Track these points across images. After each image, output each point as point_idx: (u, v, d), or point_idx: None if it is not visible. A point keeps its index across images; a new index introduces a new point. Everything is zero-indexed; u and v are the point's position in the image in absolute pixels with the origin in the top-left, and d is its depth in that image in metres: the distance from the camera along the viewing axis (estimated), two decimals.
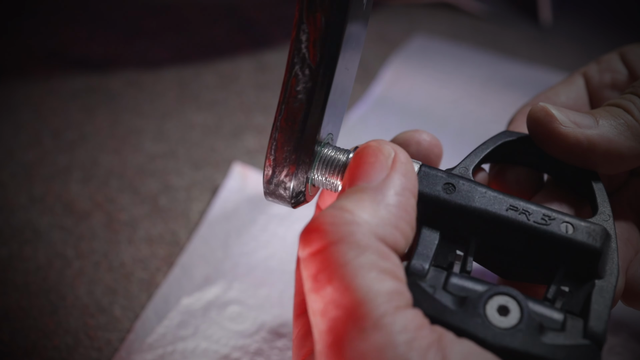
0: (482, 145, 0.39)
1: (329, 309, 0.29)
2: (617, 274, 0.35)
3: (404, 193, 0.32)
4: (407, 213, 0.32)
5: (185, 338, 0.48)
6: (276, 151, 0.35)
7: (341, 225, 0.30)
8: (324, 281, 0.30)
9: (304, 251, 0.31)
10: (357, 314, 0.29)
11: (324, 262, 0.30)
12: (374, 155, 0.33)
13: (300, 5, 0.33)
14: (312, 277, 0.30)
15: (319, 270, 0.30)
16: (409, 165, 0.33)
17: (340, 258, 0.30)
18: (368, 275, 0.29)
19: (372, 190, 0.32)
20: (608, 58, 0.43)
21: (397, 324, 0.29)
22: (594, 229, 0.34)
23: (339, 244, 0.30)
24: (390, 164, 0.33)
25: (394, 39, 0.79)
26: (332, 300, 0.29)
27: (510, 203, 0.35)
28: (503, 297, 0.32)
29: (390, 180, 0.32)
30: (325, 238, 0.30)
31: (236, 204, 0.58)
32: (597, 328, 0.32)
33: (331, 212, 0.31)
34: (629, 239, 0.39)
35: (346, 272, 0.29)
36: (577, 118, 0.37)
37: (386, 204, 0.32)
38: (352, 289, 0.29)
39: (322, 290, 0.30)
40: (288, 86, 0.35)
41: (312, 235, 0.31)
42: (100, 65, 0.73)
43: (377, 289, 0.29)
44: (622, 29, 0.84)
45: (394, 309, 0.29)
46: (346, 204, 0.31)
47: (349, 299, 0.29)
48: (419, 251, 0.34)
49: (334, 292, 0.29)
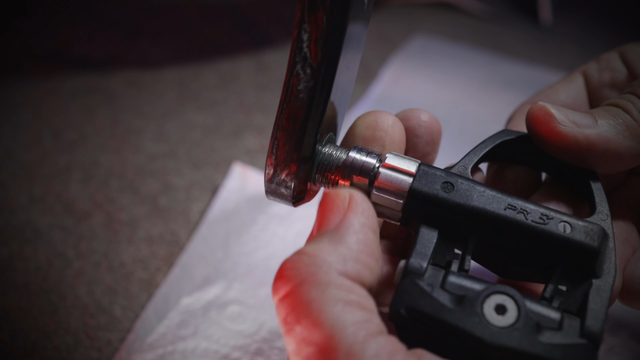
0: (480, 144, 0.39)
1: (301, 348, 0.30)
2: (615, 274, 0.35)
3: (362, 230, 0.33)
4: (367, 247, 0.33)
5: (185, 338, 0.48)
6: (278, 150, 0.35)
7: (301, 268, 0.31)
8: (292, 322, 0.30)
9: (275, 299, 0.32)
10: (328, 348, 0.29)
11: (290, 305, 0.31)
12: (330, 202, 0.34)
13: (302, 5, 0.33)
14: (283, 320, 0.31)
15: (287, 312, 0.31)
16: (366, 204, 0.34)
17: (304, 297, 0.30)
18: (334, 309, 0.30)
19: (330, 232, 0.33)
20: (607, 57, 0.43)
21: (368, 350, 0.29)
22: (592, 229, 0.35)
23: (302, 285, 0.31)
24: (346, 206, 0.33)
25: (394, 39, 0.79)
26: (302, 339, 0.30)
27: (508, 202, 0.35)
28: (500, 296, 0.32)
29: (347, 220, 0.33)
30: (289, 282, 0.31)
31: (236, 204, 0.58)
32: (594, 327, 0.32)
33: (292, 258, 0.32)
34: (627, 238, 0.39)
35: (312, 309, 0.30)
36: (576, 117, 0.37)
37: (345, 242, 0.32)
38: (320, 324, 0.29)
39: (292, 331, 0.30)
40: (289, 85, 0.35)
41: (278, 283, 0.31)
42: (100, 65, 0.73)
43: (344, 320, 0.29)
44: (622, 29, 0.84)
45: (363, 337, 0.29)
46: (306, 249, 0.32)
47: (317, 335, 0.29)
48: (417, 250, 0.34)
49: (302, 330, 0.30)
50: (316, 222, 0.34)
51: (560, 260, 0.35)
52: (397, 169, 0.36)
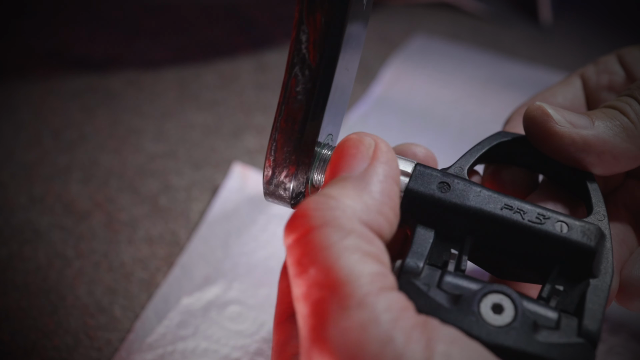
0: (477, 146, 0.39)
1: (312, 291, 0.29)
2: (612, 273, 0.35)
3: (386, 180, 0.33)
4: (390, 199, 0.33)
5: (185, 338, 0.48)
6: (276, 152, 0.35)
7: (325, 210, 0.31)
8: (307, 264, 0.30)
9: (289, 238, 0.31)
10: (341, 293, 0.29)
11: (308, 246, 0.30)
12: (355, 147, 0.33)
13: (300, 6, 0.33)
14: (296, 262, 0.30)
15: (302, 253, 0.30)
16: (390, 154, 0.34)
17: (324, 241, 0.30)
18: (351, 257, 0.29)
19: (355, 178, 0.32)
20: (605, 60, 0.43)
21: (380, 303, 0.29)
22: (589, 228, 0.35)
23: (323, 228, 0.30)
24: (372, 153, 0.33)
25: (394, 39, 0.79)
26: (315, 282, 0.29)
27: (504, 202, 0.35)
28: (497, 295, 0.32)
29: (373, 169, 0.33)
30: (309, 223, 0.30)
31: (236, 204, 0.58)
32: (591, 327, 0.33)
33: (315, 199, 0.31)
34: (623, 239, 0.39)
35: (329, 254, 0.29)
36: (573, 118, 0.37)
37: (369, 190, 0.32)
38: (336, 270, 0.29)
39: (305, 273, 0.30)
40: (288, 87, 0.35)
41: (297, 221, 0.31)
42: (100, 65, 0.73)
43: (360, 270, 0.29)
44: (622, 29, 0.84)
45: (377, 290, 0.29)
46: (330, 191, 0.32)
47: (332, 279, 0.29)
48: (414, 250, 0.34)
49: (317, 273, 0.29)
50: (333, 165, 0.33)
51: (557, 260, 0.35)
52: None
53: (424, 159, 0.40)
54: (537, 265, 0.35)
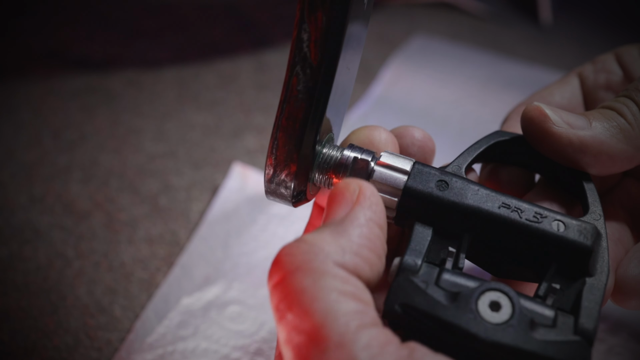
0: (474, 145, 0.39)
1: (292, 336, 0.30)
2: (608, 272, 0.35)
3: (367, 224, 0.33)
4: (370, 242, 0.32)
5: (185, 338, 0.48)
6: (277, 150, 0.36)
7: (298, 255, 0.31)
8: (284, 309, 0.30)
9: (269, 284, 0.31)
10: (319, 336, 0.29)
11: (283, 291, 0.30)
12: (340, 194, 0.33)
13: (302, 5, 0.33)
14: (275, 307, 0.31)
15: (279, 299, 0.30)
16: (374, 199, 0.33)
17: (298, 285, 0.30)
18: (327, 297, 0.29)
19: (334, 224, 0.32)
20: (603, 59, 0.43)
21: (359, 341, 0.28)
22: (585, 227, 0.35)
23: (296, 272, 0.30)
24: (355, 199, 0.33)
25: (394, 39, 0.79)
26: (293, 327, 0.29)
27: (502, 201, 0.35)
28: (495, 292, 0.32)
29: (353, 214, 0.33)
30: (283, 268, 0.31)
31: (236, 204, 0.58)
32: (587, 325, 0.33)
33: (289, 245, 0.32)
34: (619, 238, 0.39)
35: (304, 297, 0.30)
36: (571, 119, 0.37)
37: (347, 234, 0.32)
38: (311, 313, 0.29)
39: (284, 318, 0.30)
40: (289, 85, 0.35)
41: (273, 268, 0.31)
42: (100, 65, 0.73)
43: (337, 309, 0.29)
44: (621, 29, 0.84)
45: (355, 327, 0.29)
46: (305, 237, 0.32)
47: (308, 324, 0.29)
48: (412, 247, 0.34)
49: (294, 318, 0.29)
50: (324, 214, 0.34)
51: (553, 258, 0.35)
52: (391, 167, 0.36)
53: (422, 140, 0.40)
54: (533, 264, 0.36)
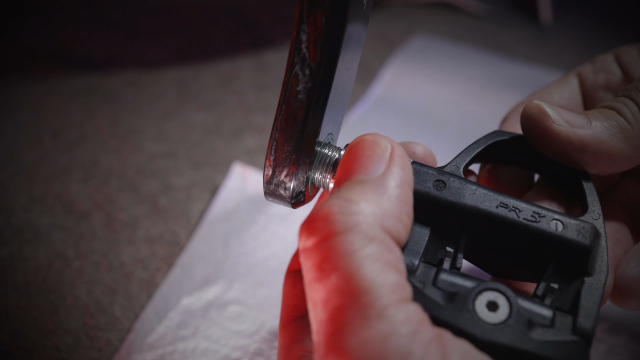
0: (473, 144, 0.39)
1: (332, 297, 0.29)
2: (607, 272, 0.35)
3: (403, 186, 0.32)
4: (407, 205, 0.32)
5: (185, 338, 0.48)
6: (276, 151, 0.35)
7: (348, 215, 0.30)
8: (329, 269, 0.29)
9: (308, 241, 0.31)
10: (361, 302, 0.29)
11: (330, 251, 0.30)
12: (370, 149, 0.33)
13: (301, 5, 0.33)
14: (316, 266, 0.30)
15: (324, 258, 0.30)
16: (406, 159, 0.33)
17: (347, 247, 0.30)
18: (373, 266, 0.29)
19: (373, 182, 0.32)
20: (603, 59, 0.43)
21: (400, 315, 0.29)
22: (584, 227, 0.35)
23: (346, 234, 0.30)
24: (388, 157, 0.33)
25: (394, 39, 0.79)
26: (336, 288, 0.29)
27: (500, 200, 0.35)
28: (492, 292, 0.32)
29: (390, 173, 0.32)
30: (332, 227, 0.30)
31: (236, 204, 0.58)
32: (586, 324, 0.33)
33: (337, 203, 0.31)
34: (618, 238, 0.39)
35: (352, 261, 0.29)
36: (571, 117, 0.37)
37: (389, 196, 0.32)
38: (357, 278, 0.29)
39: (326, 278, 0.29)
40: (288, 86, 0.35)
41: (317, 224, 0.30)
42: (100, 65, 0.73)
43: (381, 280, 0.29)
44: (621, 29, 0.84)
45: (397, 301, 0.29)
46: (351, 195, 0.31)
47: (353, 287, 0.29)
48: (409, 247, 0.34)
49: (338, 279, 0.29)
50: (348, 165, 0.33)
51: (552, 258, 0.35)
52: None
53: (423, 157, 0.40)
54: (532, 264, 0.35)
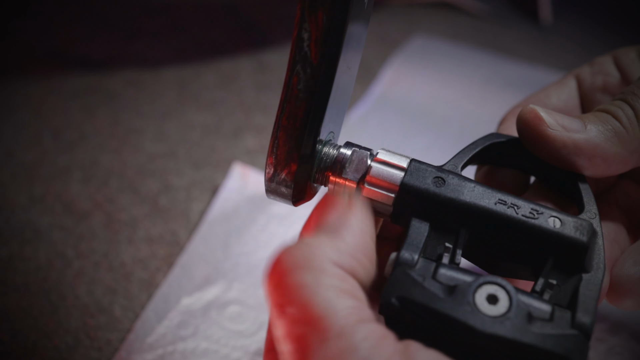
0: (470, 146, 0.39)
1: (292, 329, 0.30)
2: (604, 269, 0.35)
3: (360, 233, 0.33)
4: (363, 248, 0.33)
5: (185, 338, 0.48)
6: (278, 149, 0.36)
7: (298, 254, 0.32)
8: (285, 304, 0.31)
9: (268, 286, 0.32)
10: (320, 326, 0.30)
11: (285, 288, 0.31)
12: (331, 203, 0.34)
13: (302, 4, 0.33)
14: (275, 304, 0.31)
15: (280, 295, 0.31)
16: (366, 211, 0.34)
17: (299, 281, 0.31)
18: (327, 293, 0.30)
19: (328, 229, 0.33)
20: (601, 61, 0.43)
21: (359, 333, 0.29)
22: (581, 224, 0.35)
23: (297, 270, 0.31)
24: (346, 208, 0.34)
25: (394, 39, 0.79)
26: (294, 320, 0.30)
27: (498, 197, 0.35)
28: (492, 286, 0.32)
29: (347, 221, 0.33)
30: (284, 267, 0.31)
31: (236, 204, 0.58)
32: (584, 319, 0.33)
33: (290, 246, 0.32)
34: (615, 238, 0.39)
35: (306, 292, 0.30)
36: (565, 121, 0.37)
37: (342, 238, 0.33)
38: (313, 306, 0.30)
39: (284, 313, 0.31)
40: (290, 85, 0.35)
41: (273, 267, 0.32)
42: (100, 65, 0.73)
43: (336, 304, 0.30)
44: (621, 29, 0.84)
45: (355, 321, 0.30)
46: (304, 240, 0.33)
47: (310, 315, 0.30)
48: (409, 242, 0.34)
49: (295, 311, 0.30)
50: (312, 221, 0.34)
51: (550, 254, 0.35)
52: (388, 164, 0.36)
53: None
54: (530, 260, 0.36)
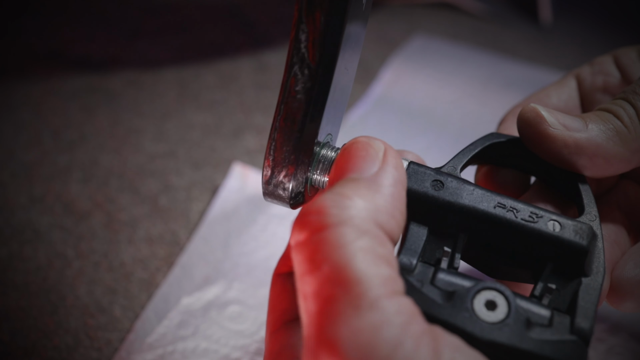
0: (470, 146, 0.39)
1: (323, 289, 0.29)
2: (604, 273, 0.35)
3: (396, 185, 0.33)
4: (400, 203, 0.33)
5: (185, 338, 0.48)
6: (275, 151, 0.35)
7: (341, 208, 0.31)
8: (320, 261, 0.30)
9: (300, 235, 0.31)
10: (353, 292, 0.29)
11: (322, 243, 0.30)
12: (364, 149, 0.33)
13: (300, 5, 0.33)
14: (308, 258, 0.30)
15: (316, 250, 0.30)
16: (399, 160, 0.34)
17: (340, 239, 0.30)
18: (366, 258, 0.29)
19: (367, 180, 0.32)
20: (601, 60, 0.43)
21: (392, 306, 0.29)
22: (581, 227, 0.35)
23: (339, 227, 0.30)
24: (382, 157, 0.33)
25: (394, 39, 0.79)
26: (328, 280, 0.29)
27: (497, 200, 0.35)
28: (491, 292, 0.32)
29: (384, 172, 0.33)
30: (325, 220, 0.30)
31: (236, 204, 0.58)
32: (583, 324, 0.33)
33: (330, 197, 0.31)
34: (615, 240, 0.39)
35: (344, 253, 0.29)
36: (567, 121, 0.37)
37: (382, 193, 0.32)
38: (350, 269, 0.29)
39: (318, 270, 0.29)
40: (287, 86, 0.35)
41: (311, 218, 0.31)
42: (100, 65, 0.73)
43: (373, 273, 0.29)
44: (621, 29, 0.84)
45: (389, 293, 0.29)
46: (344, 191, 0.31)
47: (345, 278, 0.29)
48: (407, 246, 0.34)
49: (330, 270, 0.29)
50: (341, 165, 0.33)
51: (549, 258, 0.35)
52: None
53: None
54: (529, 264, 0.35)
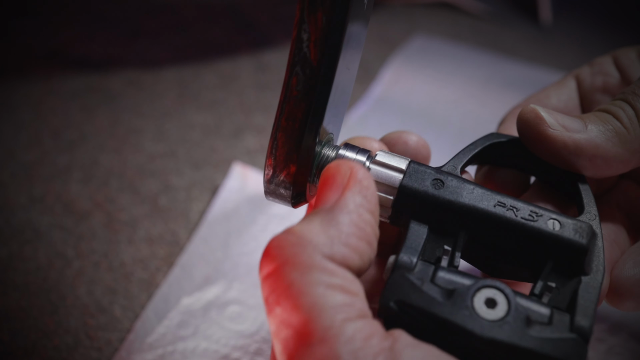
0: (470, 146, 0.39)
1: (280, 330, 0.30)
2: (603, 272, 0.35)
3: (356, 210, 0.32)
4: (359, 229, 0.32)
5: (185, 338, 0.48)
6: (277, 150, 0.35)
7: (286, 247, 0.31)
8: (273, 302, 0.30)
9: (260, 275, 0.32)
10: (304, 331, 0.29)
11: (272, 285, 0.31)
12: (331, 177, 0.33)
13: (302, 5, 0.33)
14: (265, 299, 0.31)
15: (269, 292, 0.31)
16: (366, 182, 0.33)
17: (286, 279, 0.30)
18: (314, 292, 0.30)
19: (323, 211, 0.32)
20: (601, 61, 0.43)
21: (343, 335, 0.29)
22: (581, 226, 0.35)
23: (284, 266, 0.30)
24: (345, 182, 0.33)
25: (394, 39, 0.79)
26: (281, 321, 0.30)
27: (498, 199, 0.35)
28: (491, 289, 0.32)
29: (343, 200, 0.32)
30: (273, 262, 0.31)
31: (236, 204, 0.58)
32: (583, 322, 0.33)
33: (279, 237, 0.32)
34: (615, 240, 0.39)
35: (292, 292, 0.30)
36: (566, 121, 0.37)
37: (336, 222, 0.32)
38: (298, 307, 0.29)
39: (272, 312, 0.30)
40: (289, 85, 0.35)
41: (263, 260, 0.31)
42: (100, 65, 0.73)
43: (323, 304, 0.29)
44: (621, 29, 0.84)
45: (341, 321, 0.29)
46: (294, 228, 0.32)
47: (295, 318, 0.29)
48: (407, 245, 0.34)
49: (282, 312, 0.30)
50: (316, 198, 0.34)
51: (549, 257, 0.35)
52: (387, 166, 0.36)
53: (416, 147, 0.40)
54: (529, 262, 0.36)
